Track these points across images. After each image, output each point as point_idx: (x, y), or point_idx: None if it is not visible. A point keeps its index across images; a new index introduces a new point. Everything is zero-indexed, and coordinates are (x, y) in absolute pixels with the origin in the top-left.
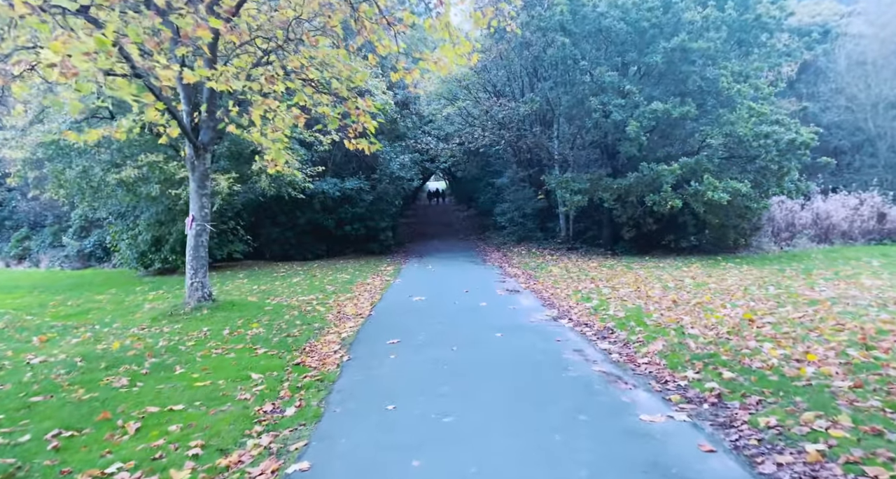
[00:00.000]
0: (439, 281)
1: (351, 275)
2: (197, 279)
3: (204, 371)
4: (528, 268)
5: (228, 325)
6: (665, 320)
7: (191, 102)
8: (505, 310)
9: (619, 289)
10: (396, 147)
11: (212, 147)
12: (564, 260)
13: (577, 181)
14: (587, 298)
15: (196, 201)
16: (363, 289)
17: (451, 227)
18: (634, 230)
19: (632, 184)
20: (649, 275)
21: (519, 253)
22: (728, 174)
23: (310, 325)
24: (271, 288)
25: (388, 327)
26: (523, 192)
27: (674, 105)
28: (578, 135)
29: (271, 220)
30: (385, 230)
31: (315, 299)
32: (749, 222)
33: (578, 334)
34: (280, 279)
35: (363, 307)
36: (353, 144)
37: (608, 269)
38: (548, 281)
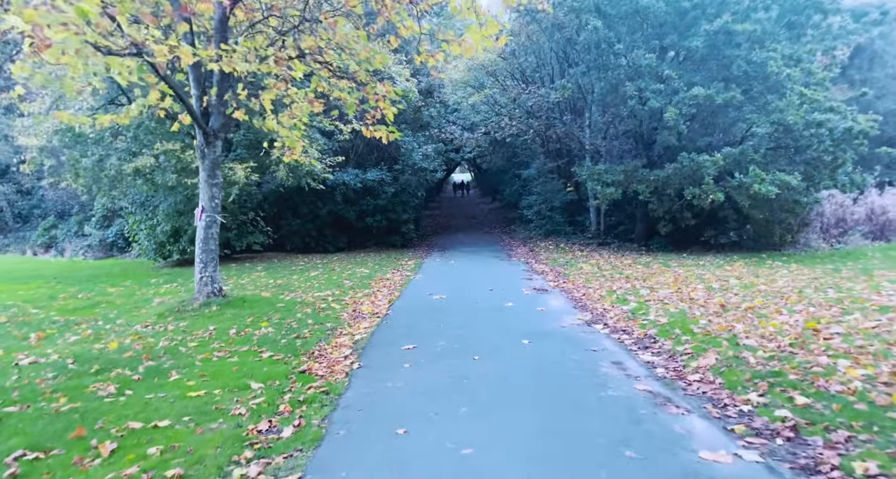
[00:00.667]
0: (462, 277)
1: (370, 269)
2: (206, 274)
3: (201, 378)
4: (557, 264)
5: (236, 324)
6: (714, 328)
7: (200, 86)
8: (532, 312)
9: (658, 290)
10: (420, 137)
11: (223, 134)
12: (595, 256)
13: (610, 173)
14: (623, 299)
15: (206, 191)
16: (382, 285)
17: (476, 219)
18: (671, 225)
19: (670, 176)
20: (689, 274)
21: (546, 248)
22: (775, 166)
23: (322, 325)
24: (287, 282)
25: (405, 329)
26: (551, 184)
27: (717, 91)
28: (612, 124)
29: (292, 211)
30: (407, 223)
31: (331, 296)
32: (797, 218)
33: (616, 342)
34: (298, 273)
35: (380, 306)
36: (371, 131)
37: (644, 267)
38: (579, 279)
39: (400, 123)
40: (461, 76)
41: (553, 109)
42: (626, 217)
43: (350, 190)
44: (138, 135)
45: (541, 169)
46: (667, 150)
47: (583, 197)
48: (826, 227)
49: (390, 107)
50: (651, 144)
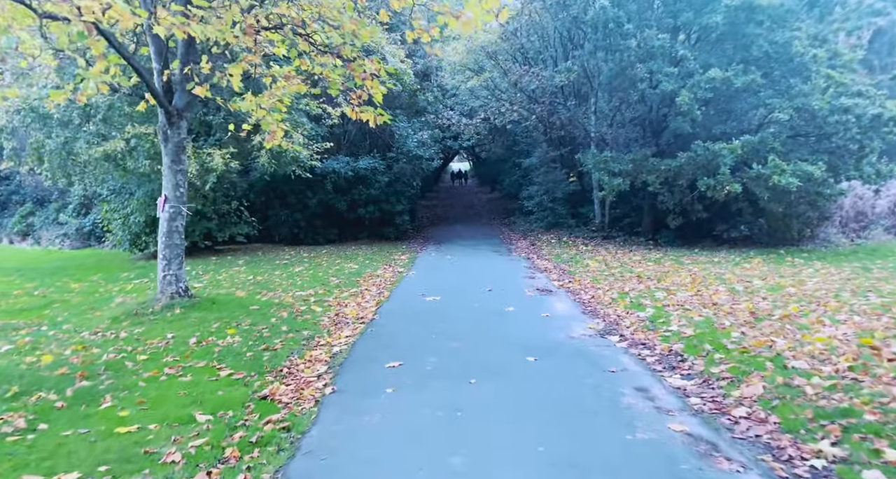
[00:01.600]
0: (458, 275)
1: (360, 265)
2: (170, 272)
3: (139, 405)
4: (561, 260)
5: (199, 330)
6: (751, 343)
7: (162, 58)
8: (537, 318)
9: (676, 292)
10: (415, 123)
11: (188, 114)
12: (601, 252)
13: (617, 162)
14: (638, 304)
15: (170, 178)
16: (371, 283)
17: (474, 209)
18: (681, 218)
19: (683, 165)
20: (706, 273)
21: (548, 242)
22: (796, 155)
23: (298, 332)
24: (268, 279)
25: (392, 339)
26: (553, 174)
27: (735, 73)
28: (618, 110)
29: (281, 201)
30: (401, 214)
31: (313, 296)
32: (817, 211)
33: (636, 359)
34: (281, 268)
35: (366, 309)
36: (357, 113)
37: (654, 264)
38: (585, 278)
39: (394, 109)
40: (460, 59)
41: (557, 94)
42: (632, 209)
43: (341, 179)
44: (110, 117)
45: (543, 158)
46: (677, 138)
47: (586, 188)
48: (845, 221)
49: (379, 86)
50: (660, 132)
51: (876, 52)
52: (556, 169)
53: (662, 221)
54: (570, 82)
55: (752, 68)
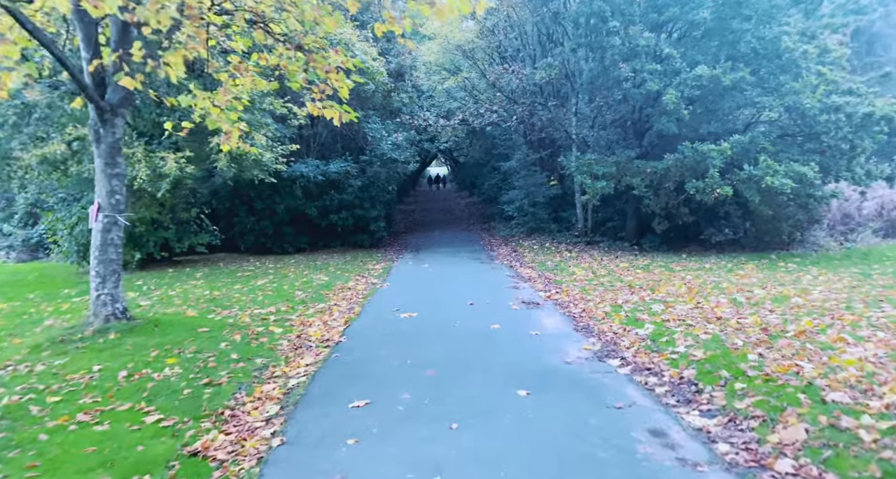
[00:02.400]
0: (437, 286)
1: (331, 276)
2: (105, 291)
3: (27, 472)
4: (545, 268)
5: (133, 360)
6: (773, 368)
7: (92, 45)
8: (525, 337)
9: (674, 305)
10: (389, 125)
11: (124, 110)
12: (586, 258)
13: (601, 164)
14: (635, 319)
15: (104, 184)
16: (341, 297)
17: (453, 214)
18: (667, 222)
19: (669, 168)
20: (701, 281)
21: (531, 248)
22: (786, 155)
23: (250, 361)
24: (226, 294)
25: (359, 369)
26: (534, 177)
27: (723, 70)
28: (600, 112)
29: (247, 207)
30: (376, 220)
31: (274, 314)
32: (807, 214)
33: (644, 390)
34: (243, 281)
35: (333, 329)
36: (318, 109)
37: (644, 271)
38: (573, 288)
39: (367, 109)
40: (435, 58)
41: (537, 94)
42: (615, 213)
43: (311, 184)
44: (49, 116)
45: (523, 161)
46: (661, 139)
47: (568, 192)
48: (832, 223)
49: (345, 80)
50: (643, 133)
51: (855, 51)
52: (537, 172)
53: (647, 225)
54: (551, 81)
55: (740, 65)
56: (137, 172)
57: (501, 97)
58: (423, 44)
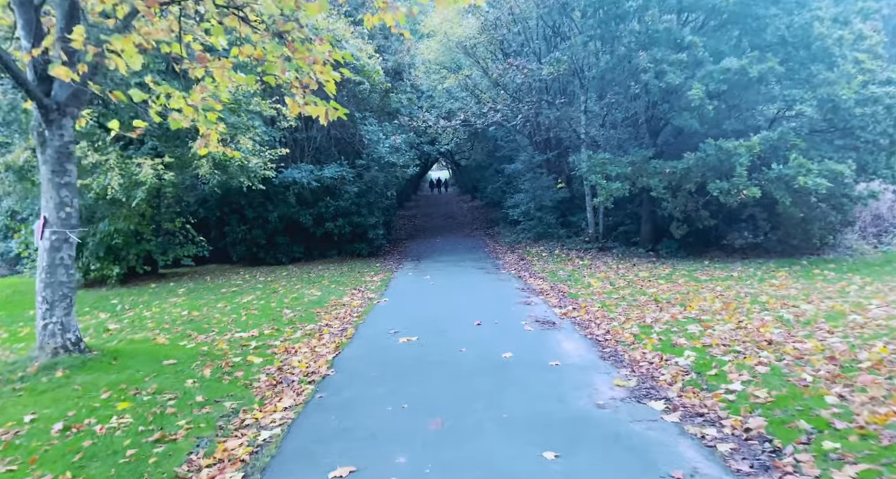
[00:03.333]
0: (439, 301)
1: (324, 290)
2: (53, 319)
3: None
4: (558, 279)
5: (77, 406)
6: (867, 417)
7: (33, 32)
8: (544, 369)
9: (712, 324)
10: (387, 127)
11: (75, 110)
12: (600, 266)
13: (615, 165)
14: (670, 344)
15: (51, 195)
16: (333, 316)
17: (455, 219)
18: (685, 226)
19: (691, 168)
20: (733, 293)
21: (539, 255)
22: (817, 152)
23: (218, 404)
24: (206, 315)
25: (346, 417)
26: (540, 180)
27: (750, 61)
28: (611, 108)
29: (238, 216)
30: (375, 227)
31: (256, 339)
32: (840, 215)
33: (702, 447)
34: (228, 298)
35: (321, 357)
36: (301, 106)
37: (667, 281)
38: (592, 303)
39: (363, 110)
40: (434, 56)
41: (543, 91)
42: (628, 217)
43: (306, 190)
44: (12, 120)
45: (528, 163)
46: (677, 137)
47: (576, 194)
48: (863, 225)
49: (331, 73)
50: (658, 132)
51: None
52: (543, 175)
53: (663, 230)
54: (558, 77)
55: (767, 55)
56: (109, 179)
57: (505, 95)
58: (423, 42)
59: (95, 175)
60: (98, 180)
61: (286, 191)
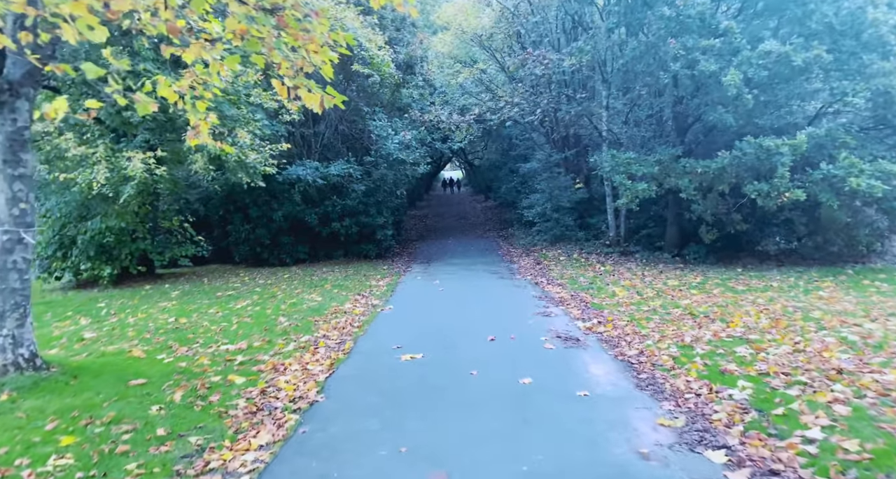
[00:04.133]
0: (449, 311)
1: (325, 296)
2: (4, 332)
3: None
4: (578, 287)
5: (13, 440)
6: None
7: None
8: (571, 401)
9: (762, 345)
10: (397, 122)
11: (31, 91)
12: (624, 272)
13: (641, 164)
14: (717, 369)
15: (2, 189)
16: (332, 326)
17: (467, 220)
18: (715, 231)
19: (725, 167)
20: (779, 306)
21: (557, 259)
22: (868, 151)
23: (182, 438)
24: (195, 322)
25: (332, 462)
26: (558, 180)
27: (794, 48)
28: (635, 104)
29: (242, 214)
30: (383, 228)
31: (243, 352)
32: (892, 220)
33: None
34: (222, 303)
35: (312, 377)
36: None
37: (699, 291)
38: (620, 317)
39: (372, 105)
40: (448, 49)
41: (563, 85)
42: (650, 219)
43: (311, 188)
44: None
45: (545, 162)
46: (707, 136)
47: (595, 195)
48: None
49: (328, 53)
50: (686, 129)
51: None
52: (561, 174)
53: (690, 234)
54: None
55: (813, 43)
56: (95, 173)
57: (523, 89)
58: (437, 35)
59: (81, 169)
60: (83, 175)
61: (291, 189)
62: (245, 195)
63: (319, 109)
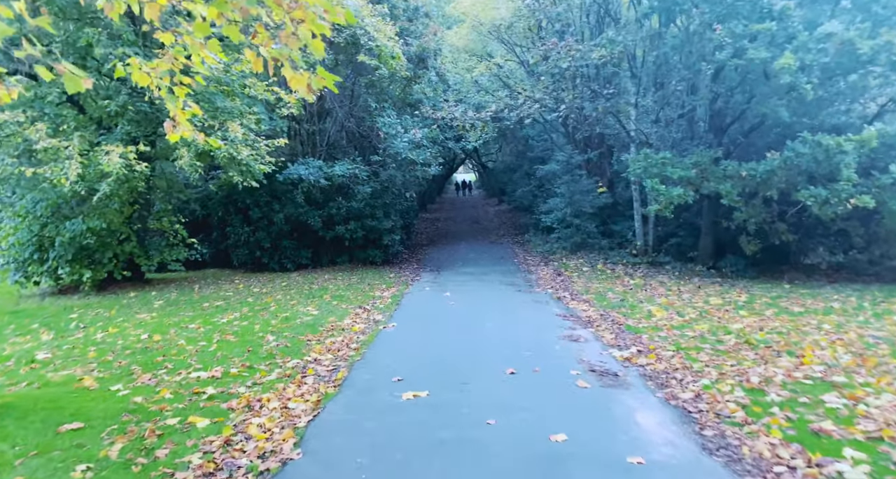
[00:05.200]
0: (460, 332)
1: (323, 308)
2: None
3: None
4: (608, 304)
5: None
6: None
7: None
8: (621, 474)
9: (858, 393)
10: (407, 119)
11: None
12: (656, 286)
13: (677, 166)
14: (807, 429)
15: None
16: (325, 347)
17: (480, 224)
18: (758, 241)
19: (775, 170)
20: (854, 335)
21: (579, 269)
22: None
23: None
24: (169, 340)
25: None
26: (579, 183)
27: (860, 33)
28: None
29: (242, 216)
30: (391, 232)
31: (216, 382)
32: None
33: None
34: (206, 316)
35: (292, 420)
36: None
37: (749, 312)
38: (661, 344)
39: (381, 101)
40: (464, 43)
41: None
42: (680, 227)
43: (315, 189)
44: None
45: (566, 164)
46: (748, 135)
47: (619, 200)
48: None
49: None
50: (724, 129)
51: None
52: (583, 177)
53: (726, 244)
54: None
55: (880, 30)
56: (66, 169)
57: (547, 82)
58: (451, 29)
59: (52, 164)
60: (53, 170)
61: (294, 189)
62: (246, 196)
63: (308, 94)
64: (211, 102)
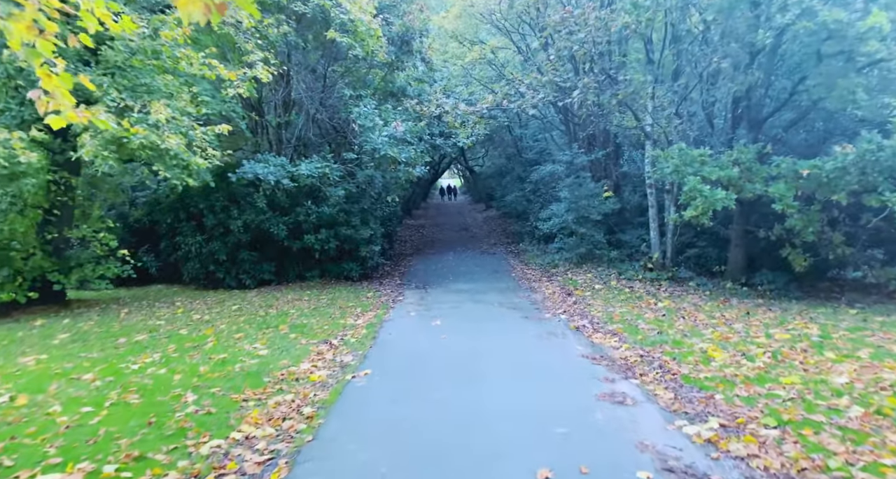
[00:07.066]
0: (459, 389)
1: (276, 344)
2: None
3: None
4: (642, 338)
5: None
6: None
7: None
8: None
9: None
10: (388, 110)
11: None
12: (691, 311)
13: (716, 164)
14: None
15: None
16: (265, 415)
17: (469, 231)
18: (808, 255)
19: (847, 167)
20: None
21: (590, 287)
22: None
23: None
24: (40, 403)
25: None
26: (584, 187)
27: None
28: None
29: (194, 223)
30: (369, 242)
31: None
32: None
33: None
34: (117, 357)
35: None
36: None
37: (835, 352)
38: (748, 409)
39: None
40: (453, 26)
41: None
42: (697, 237)
43: (281, 192)
44: None
45: (569, 165)
46: (789, 129)
47: (626, 205)
48: None
49: None
50: (764, 120)
51: None
52: (587, 180)
53: (758, 257)
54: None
55: None
56: None
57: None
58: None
59: None
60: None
61: (255, 192)
62: (199, 200)
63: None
64: (127, 75)
